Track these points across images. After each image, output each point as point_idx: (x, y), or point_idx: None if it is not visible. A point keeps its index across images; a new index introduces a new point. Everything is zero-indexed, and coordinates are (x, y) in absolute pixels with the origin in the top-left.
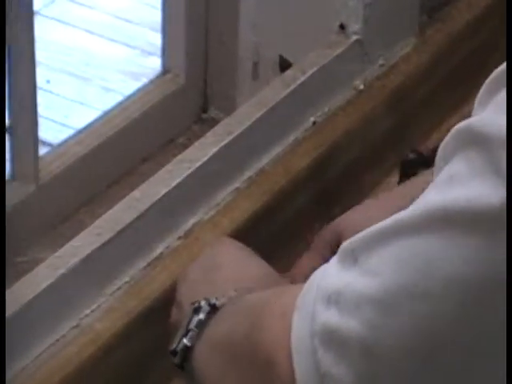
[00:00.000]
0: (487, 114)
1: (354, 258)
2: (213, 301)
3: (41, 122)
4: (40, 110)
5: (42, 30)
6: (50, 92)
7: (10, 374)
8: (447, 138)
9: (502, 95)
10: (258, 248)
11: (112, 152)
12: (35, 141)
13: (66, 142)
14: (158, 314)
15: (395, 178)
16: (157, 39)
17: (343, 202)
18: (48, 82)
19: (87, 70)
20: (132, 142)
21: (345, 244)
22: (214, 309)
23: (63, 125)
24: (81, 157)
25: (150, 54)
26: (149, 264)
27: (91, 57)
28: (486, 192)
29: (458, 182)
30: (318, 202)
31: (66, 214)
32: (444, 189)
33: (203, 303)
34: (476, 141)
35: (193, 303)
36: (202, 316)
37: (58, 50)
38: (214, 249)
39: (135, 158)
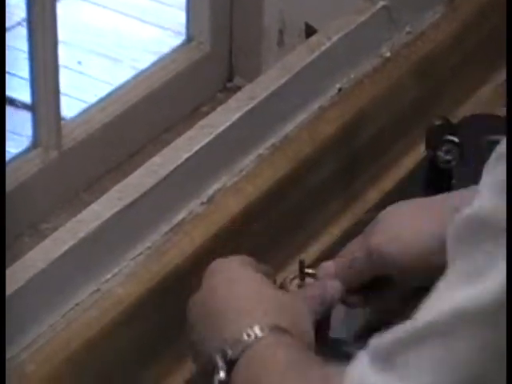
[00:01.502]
0: (496, 201)
1: (390, 362)
2: (228, 355)
3: (72, 102)
4: (71, 90)
5: (74, 11)
6: (81, 73)
7: (27, 339)
8: (459, 226)
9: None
10: (282, 216)
11: (136, 120)
12: (57, 107)
13: (89, 109)
14: (180, 280)
15: (422, 147)
16: None
17: (369, 172)
18: (79, 63)
19: (118, 51)
20: (156, 111)
21: (376, 343)
22: (231, 364)
23: None
24: (104, 124)
25: (181, 34)
26: (171, 229)
27: (122, 38)
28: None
29: (478, 277)
30: (343, 171)
31: (89, 181)
32: (467, 286)
33: (218, 359)
34: (492, 234)
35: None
36: (222, 375)
37: (89, 31)
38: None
39: (159, 126)
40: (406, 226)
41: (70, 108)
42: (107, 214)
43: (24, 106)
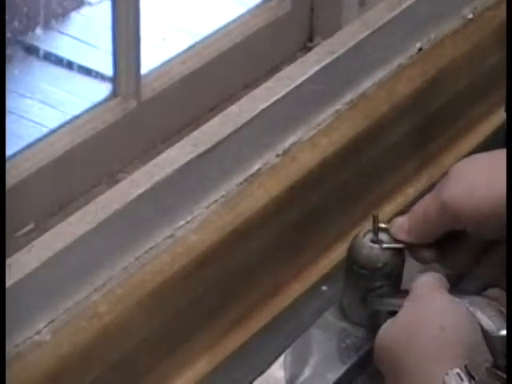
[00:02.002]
0: None
1: None
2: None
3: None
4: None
5: None
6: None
7: (100, 280)
8: None
9: None
10: (357, 173)
11: (215, 75)
12: (137, 59)
13: (169, 61)
14: (253, 230)
15: (501, 113)
16: None
17: (446, 135)
18: (164, 39)
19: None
20: (235, 67)
21: None
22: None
23: None
24: (184, 77)
25: None
26: (245, 180)
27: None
28: None
29: None
30: (419, 132)
31: (167, 132)
32: None
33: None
34: None
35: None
36: None
37: (174, 8)
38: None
39: (238, 83)
40: (479, 181)
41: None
42: (182, 160)
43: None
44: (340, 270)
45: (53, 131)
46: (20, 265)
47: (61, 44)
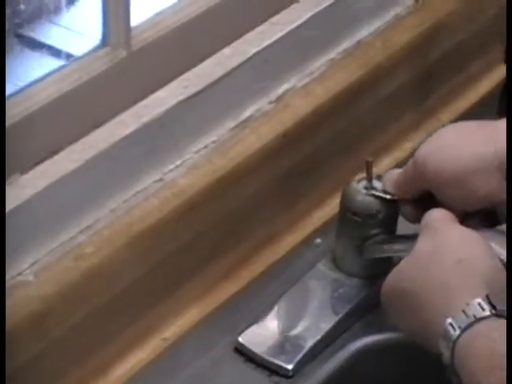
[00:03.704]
0: None
1: None
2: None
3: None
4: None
5: None
6: None
7: (86, 221)
8: None
9: None
10: (352, 123)
11: (207, 27)
12: (127, 8)
13: (161, 12)
14: (245, 177)
15: (501, 71)
16: None
17: (444, 88)
18: None
19: None
20: (228, 18)
21: None
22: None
23: None
24: (175, 28)
25: None
26: (237, 125)
27: None
28: None
29: None
30: (417, 84)
31: (157, 84)
32: None
33: (441, 340)
34: None
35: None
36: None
37: None
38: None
39: (231, 34)
40: (450, 142)
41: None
42: (172, 101)
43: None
44: (334, 223)
45: (40, 79)
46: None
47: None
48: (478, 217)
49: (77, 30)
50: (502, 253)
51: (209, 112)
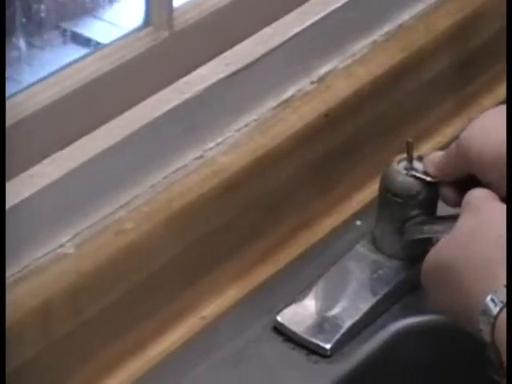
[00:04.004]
0: None
1: None
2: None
3: None
4: None
5: None
6: None
7: (126, 197)
8: None
9: None
10: (393, 105)
11: (249, 7)
12: None
13: None
14: (286, 156)
15: None
16: None
17: (486, 75)
18: None
19: None
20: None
21: None
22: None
23: None
24: (218, 9)
25: None
26: (279, 105)
27: None
28: None
29: None
30: (458, 70)
31: (200, 62)
32: None
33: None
34: None
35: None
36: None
37: None
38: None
39: (274, 14)
40: (495, 125)
41: None
42: (213, 78)
43: None
44: (375, 206)
45: (80, 58)
46: (42, 175)
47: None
48: None
49: (120, 25)
50: None
51: (250, 90)
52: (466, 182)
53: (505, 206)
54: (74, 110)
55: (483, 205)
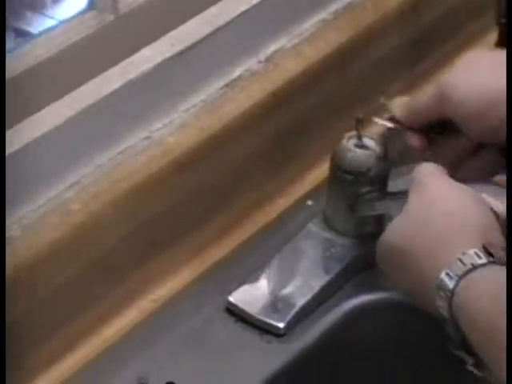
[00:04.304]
0: None
1: None
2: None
3: None
4: None
5: None
6: None
7: (72, 178)
8: None
9: None
10: (342, 84)
11: None
12: None
13: None
14: (235, 136)
15: (493, 36)
16: None
17: (437, 53)
18: None
19: None
20: None
21: None
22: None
23: None
24: None
25: None
26: (226, 84)
27: None
28: None
29: None
30: (408, 48)
31: (145, 43)
32: None
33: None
34: None
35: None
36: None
37: None
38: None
39: None
40: (477, 72)
41: None
42: (158, 58)
43: None
44: (326, 186)
45: (24, 42)
46: None
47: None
48: (475, 165)
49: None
50: (494, 203)
51: (196, 70)
52: (432, 128)
53: (452, 181)
54: (19, 93)
55: (430, 182)
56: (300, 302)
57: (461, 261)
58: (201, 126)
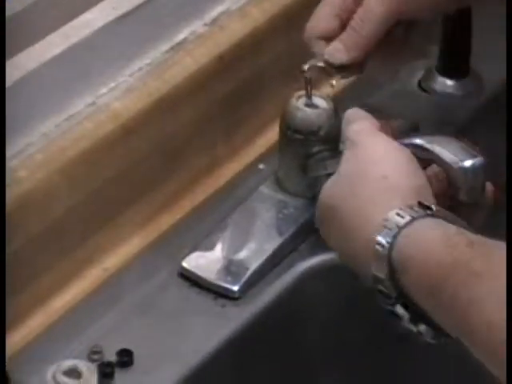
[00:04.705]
0: None
1: None
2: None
3: None
4: None
5: None
6: None
7: (18, 145)
8: None
9: None
10: (293, 45)
11: None
12: None
13: None
14: (182, 100)
15: None
16: None
17: None
18: None
19: None
20: None
21: None
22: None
23: None
24: None
25: None
26: (172, 48)
27: None
28: None
29: None
30: None
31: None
32: None
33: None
34: None
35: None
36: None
37: None
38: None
39: None
40: None
41: None
42: (100, 22)
43: None
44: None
45: None
46: None
47: None
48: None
49: None
50: (450, 156)
51: (140, 34)
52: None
53: (385, 140)
54: None
55: (364, 141)
56: (254, 265)
57: (398, 215)
58: (147, 90)
